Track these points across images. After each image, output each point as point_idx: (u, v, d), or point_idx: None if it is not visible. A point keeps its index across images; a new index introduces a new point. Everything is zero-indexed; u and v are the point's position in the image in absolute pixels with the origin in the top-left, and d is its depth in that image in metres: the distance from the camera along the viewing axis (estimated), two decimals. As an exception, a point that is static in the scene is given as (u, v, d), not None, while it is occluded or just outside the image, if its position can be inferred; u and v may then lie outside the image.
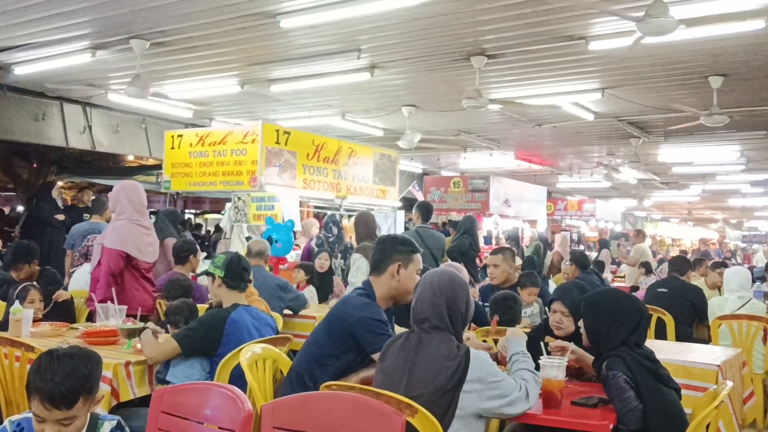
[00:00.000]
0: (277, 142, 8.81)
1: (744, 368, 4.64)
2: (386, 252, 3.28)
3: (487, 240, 15.18)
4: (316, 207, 10.71)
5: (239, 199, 8.83)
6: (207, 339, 3.66)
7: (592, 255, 13.66)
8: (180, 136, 9.65)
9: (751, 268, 10.37)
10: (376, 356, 3.03)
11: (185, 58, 8.10)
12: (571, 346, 3.27)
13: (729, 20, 6.14)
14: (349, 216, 10.07)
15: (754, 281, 7.82)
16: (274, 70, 8.52)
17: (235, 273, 3.90)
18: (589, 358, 3.24)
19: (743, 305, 6.05)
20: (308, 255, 8.30)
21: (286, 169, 8.94)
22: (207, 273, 3.99)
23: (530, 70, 8.22)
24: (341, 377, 3.07)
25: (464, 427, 2.63)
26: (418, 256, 3.34)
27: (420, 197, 14.67)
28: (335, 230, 8.84)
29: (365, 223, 6.99)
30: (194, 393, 2.57)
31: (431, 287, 2.85)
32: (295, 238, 8.73)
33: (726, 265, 7.76)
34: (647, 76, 8.38)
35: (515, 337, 3.06)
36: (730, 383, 2.92)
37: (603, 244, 15.80)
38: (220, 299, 3.94)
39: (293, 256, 8.93)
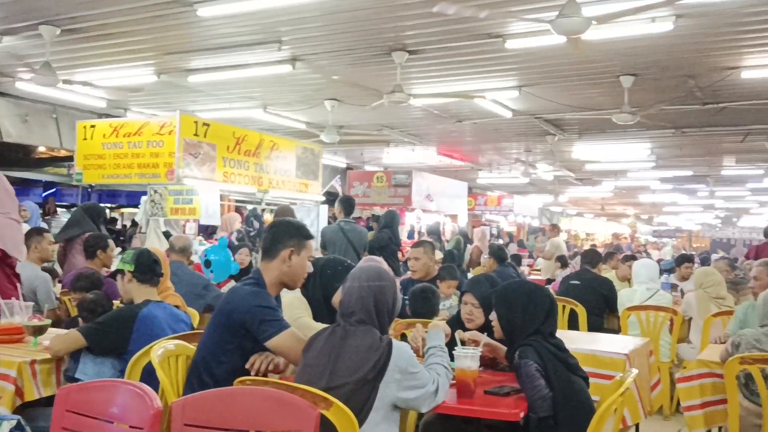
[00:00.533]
0: (196, 134, 8.63)
1: (651, 357, 4.82)
2: (278, 237, 3.16)
3: (410, 234, 15.32)
4: (237, 201, 10.56)
5: (155, 192, 8.61)
6: (115, 337, 3.52)
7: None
8: (93, 126, 9.35)
9: (658, 261, 10.82)
10: (268, 343, 2.96)
11: (98, 45, 7.83)
12: (484, 338, 3.33)
13: (639, 21, 6.37)
14: (271, 210, 9.97)
15: (661, 274, 8.15)
16: (192, 59, 8.33)
17: (146, 266, 3.75)
18: (502, 348, 3.30)
19: (651, 296, 6.30)
20: (228, 250, 8.15)
21: (205, 162, 8.76)
22: (116, 271, 3.83)
23: (450, 67, 8.32)
24: (240, 368, 3.00)
25: (382, 418, 2.64)
26: (311, 243, 3.25)
27: (341, 192, 14.66)
28: (257, 224, 8.74)
29: (284, 217, 6.93)
30: (101, 390, 2.48)
31: (359, 282, 2.84)
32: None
33: (636, 258, 8.07)
34: (562, 75, 8.61)
35: (436, 330, 3.08)
36: (635, 371, 3.03)
37: (510, 238, 16.33)
38: (131, 296, 3.79)
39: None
